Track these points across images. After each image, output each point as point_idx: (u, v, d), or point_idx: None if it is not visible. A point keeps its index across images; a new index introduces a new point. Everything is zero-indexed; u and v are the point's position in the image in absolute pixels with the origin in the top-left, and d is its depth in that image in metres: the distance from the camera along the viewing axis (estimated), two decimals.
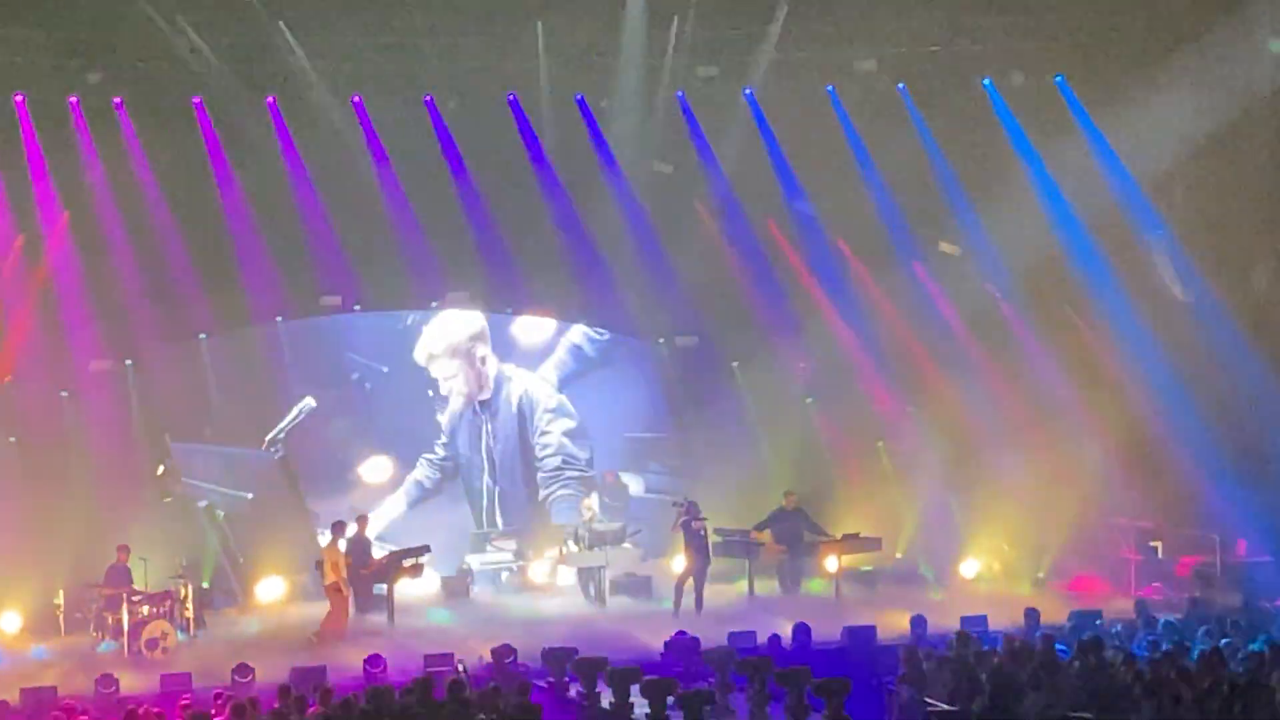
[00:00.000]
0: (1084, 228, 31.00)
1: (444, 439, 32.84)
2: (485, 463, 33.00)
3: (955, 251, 32.19)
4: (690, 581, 28.68)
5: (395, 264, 31.39)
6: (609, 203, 32.29)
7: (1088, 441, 30.44)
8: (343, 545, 27.83)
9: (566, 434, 33.39)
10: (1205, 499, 29.30)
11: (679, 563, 29.90)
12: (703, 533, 28.98)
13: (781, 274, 32.62)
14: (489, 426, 32.96)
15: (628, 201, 32.29)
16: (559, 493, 33.23)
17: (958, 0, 30.54)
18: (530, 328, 33.31)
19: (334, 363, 32.37)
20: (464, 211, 31.60)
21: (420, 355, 32.67)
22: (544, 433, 33.30)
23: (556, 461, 33.42)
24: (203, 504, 31.02)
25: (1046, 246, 31.17)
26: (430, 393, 32.79)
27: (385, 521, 31.70)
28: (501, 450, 33.10)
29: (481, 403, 32.95)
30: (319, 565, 28.41)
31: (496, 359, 33.06)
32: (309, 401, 31.76)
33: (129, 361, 30.59)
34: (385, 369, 32.46)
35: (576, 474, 33.31)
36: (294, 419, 31.77)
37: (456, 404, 32.89)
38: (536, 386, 33.23)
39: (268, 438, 31.64)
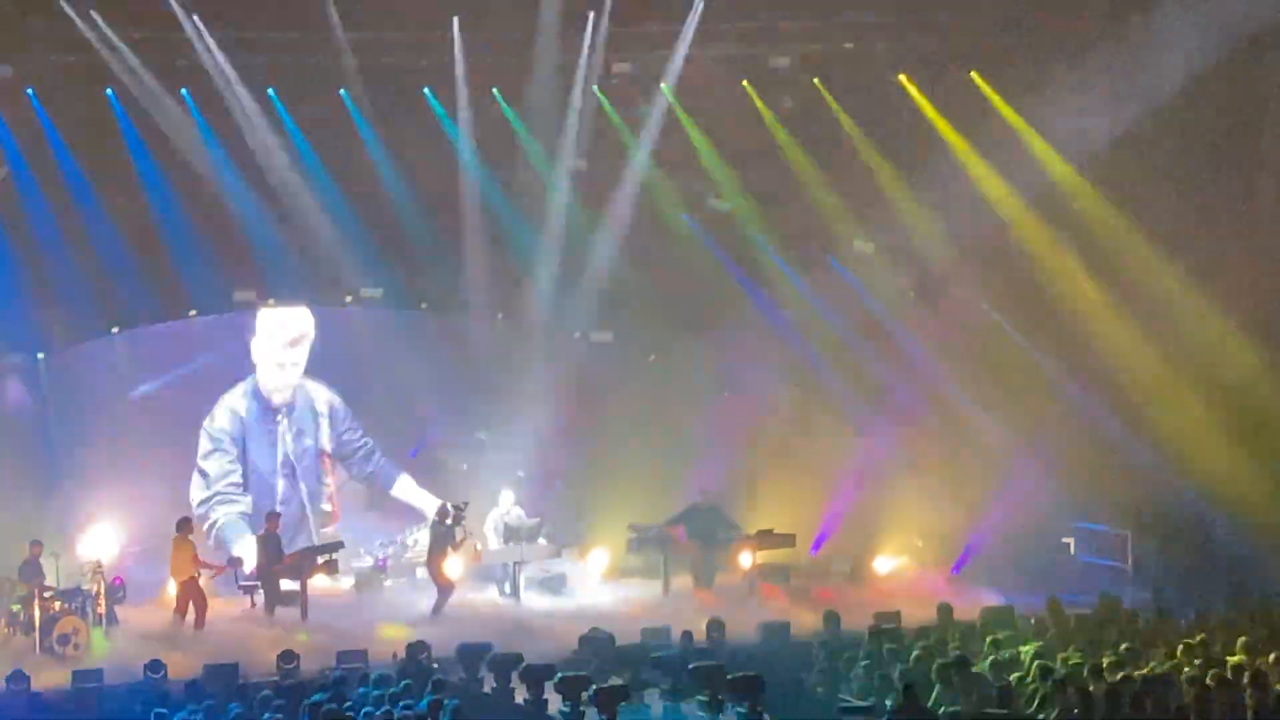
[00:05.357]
0: (1000, 222, 31.23)
1: (231, 455, 31.69)
2: (280, 469, 32.03)
3: (870, 249, 32.34)
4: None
5: (309, 259, 31.23)
6: (525, 198, 32.30)
7: (1003, 435, 30.62)
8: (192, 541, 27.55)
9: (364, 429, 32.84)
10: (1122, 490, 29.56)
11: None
12: (450, 538, 28.72)
13: (699, 268, 32.65)
14: (287, 430, 32.11)
15: (543, 197, 32.29)
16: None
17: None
18: None
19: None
20: (379, 206, 31.48)
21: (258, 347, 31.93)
22: (350, 429, 32.67)
23: (370, 446, 32.85)
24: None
25: (967, 238, 31.34)
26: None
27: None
28: (303, 455, 32.21)
29: (275, 408, 32.06)
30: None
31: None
32: None
33: (41, 355, 30.38)
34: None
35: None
36: None
37: (248, 407, 31.90)
38: (327, 392, 32.48)
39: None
